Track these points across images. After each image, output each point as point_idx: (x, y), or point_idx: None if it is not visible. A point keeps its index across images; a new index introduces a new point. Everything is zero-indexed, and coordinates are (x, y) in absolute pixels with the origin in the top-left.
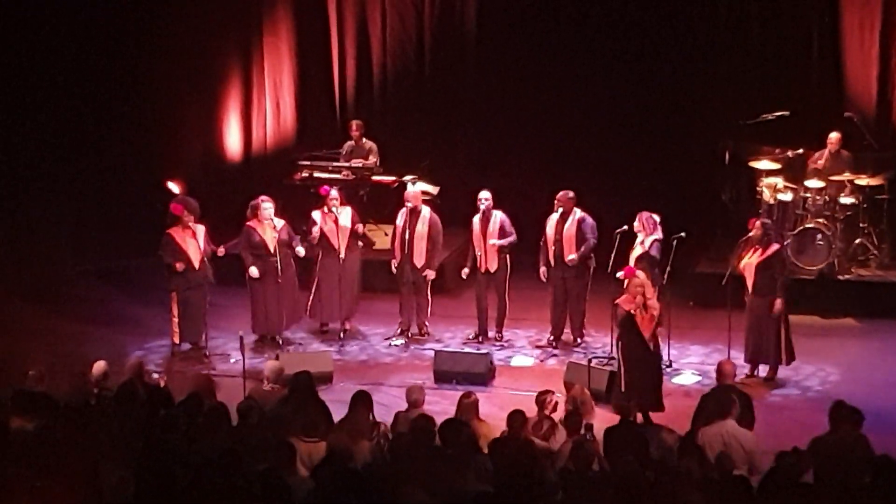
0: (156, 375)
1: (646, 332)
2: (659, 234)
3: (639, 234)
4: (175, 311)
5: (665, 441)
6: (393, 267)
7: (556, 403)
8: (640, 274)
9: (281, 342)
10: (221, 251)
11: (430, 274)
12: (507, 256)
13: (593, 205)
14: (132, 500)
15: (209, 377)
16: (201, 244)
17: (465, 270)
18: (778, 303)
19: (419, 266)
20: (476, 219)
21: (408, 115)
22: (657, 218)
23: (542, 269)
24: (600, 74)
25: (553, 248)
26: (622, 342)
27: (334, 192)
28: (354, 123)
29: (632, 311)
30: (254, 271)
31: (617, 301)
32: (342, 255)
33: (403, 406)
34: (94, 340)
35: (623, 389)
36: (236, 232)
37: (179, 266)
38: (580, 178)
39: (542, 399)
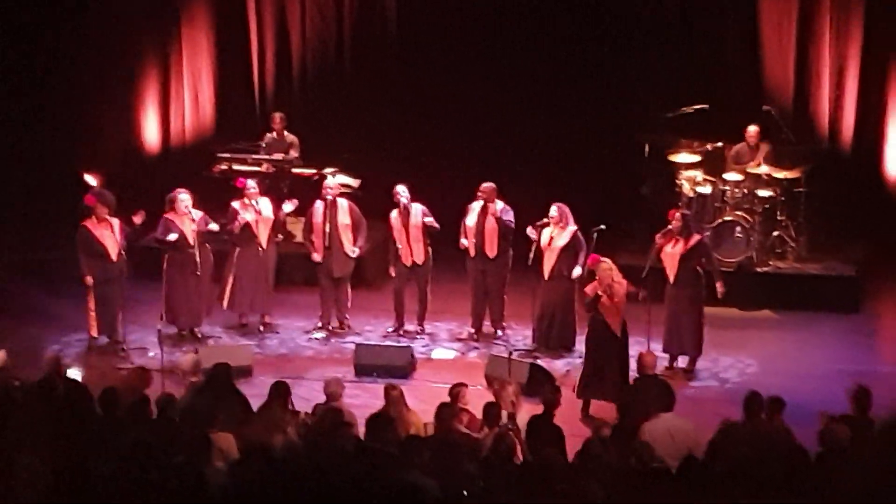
0: (75, 370)
1: (610, 316)
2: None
3: (550, 226)
4: (91, 304)
5: (605, 436)
6: (315, 258)
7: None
8: (607, 260)
9: (200, 336)
10: (139, 218)
11: (355, 251)
12: (430, 249)
13: (515, 197)
14: (46, 494)
15: (145, 370)
16: (117, 237)
17: (392, 270)
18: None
19: (344, 257)
20: (394, 214)
21: (328, 109)
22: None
23: (464, 242)
24: (520, 68)
25: (474, 240)
26: (589, 327)
27: (251, 183)
28: (277, 116)
29: (598, 294)
30: (172, 236)
31: (585, 289)
32: (264, 246)
33: (323, 400)
34: (9, 333)
35: (582, 376)
36: (155, 225)
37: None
38: (501, 171)
39: (454, 392)
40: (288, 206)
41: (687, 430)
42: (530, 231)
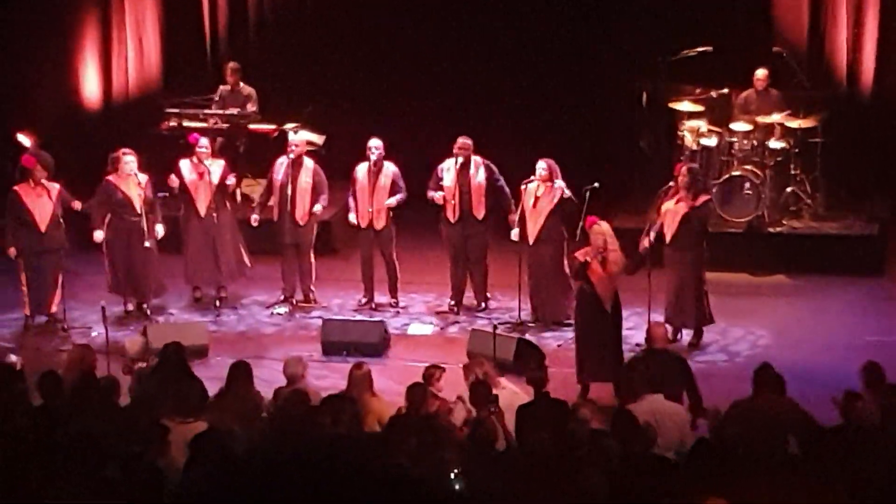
0: (13, 357)
1: (600, 287)
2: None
3: (536, 183)
4: (24, 280)
5: (584, 417)
6: (252, 221)
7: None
8: (604, 224)
9: (149, 312)
10: (78, 205)
11: (318, 209)
12: (393, 213)
13: (496, 153)
14: None
15: (88, 348)
16: (53, 203)
17: (352, 217)
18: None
19: (303, 224)
20: (362, 169)
21: (288, 57)
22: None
23: (437, 194)
24: (502, 8)
25: (454, 201)
26: (576, 300)
27: (204, 141)
28: (230, 66)
29: (586, 260)
30: (98, 235)
31: (574, 254)
32: (202, 214)
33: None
34: None
35: (577, 358)
36: (94, 189)
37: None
38: (480, 124)
39: (428, 374)
40: (230, 179)
41: (674, 415)
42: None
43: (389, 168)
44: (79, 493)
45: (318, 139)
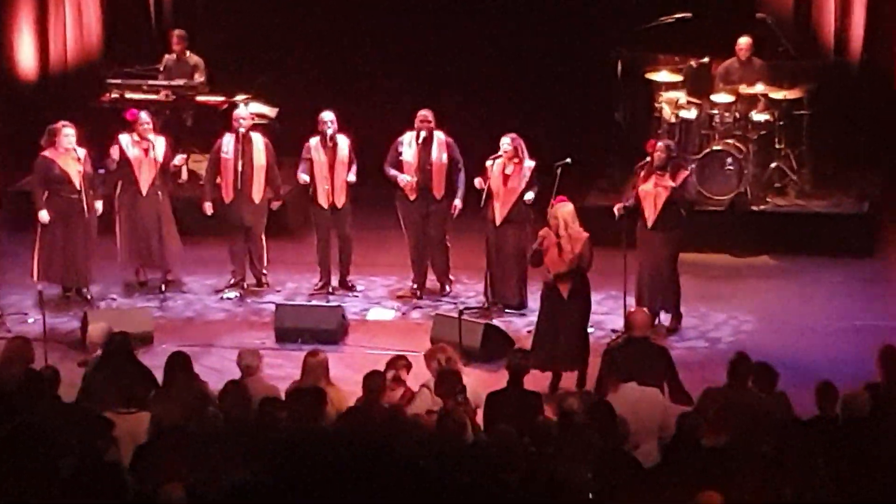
0: None
1: (554, 270)
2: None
3: (502, 160)
4: None
5: (570, 408)
6: (207, 209)
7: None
8: (566, 206)
9: (90, 297)
10: None
11: (276, 205)
12: (351, 190)
13: (459, 127)
14: None
15: (25, 340)
16: None
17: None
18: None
19: (258, 202)
20: (315, 143)
21: (238, 24)
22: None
23: (405, 178)
24: None
25: (415, 177)
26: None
27: (144, 116)
28: (175, 34)
29: (537, 247)
30: (44, 216)
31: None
32: (143, 192)
33: (239, 372)
34: None
35: (531, 345)
36: (31, 165)
37: None
38: (442, 96)
39: (391, 364)
40: (178, 159)
41: (654, 404)
42: (478, 183)
43: (344, 142)
44: (33, 491)
45: (270, 111)
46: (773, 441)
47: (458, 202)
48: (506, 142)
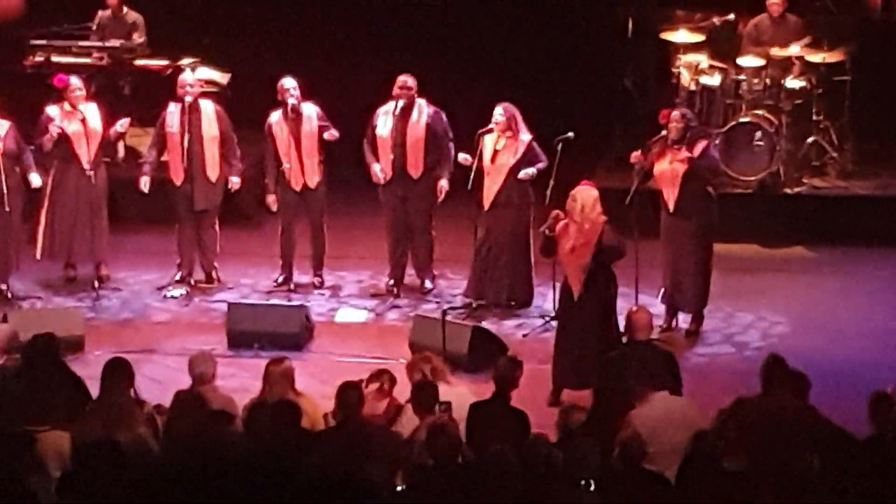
0: None
1: (568, 267)
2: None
3: (495, 133)
4: None
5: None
6: (142, 184)
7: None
8: (590, 190)
9: (10, 295)
10: None
11: (236, 183)
12: (325, 168)
13: (445, 96)
14: None
15: None
16: None
17: (272, 199)
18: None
19: (214, 180)
20: (277, 117)
21: None
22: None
23: (376, 169)
24: None
25: (391, 154)
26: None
27: (76, 81)
28: None
29: (548, 233)
30: None
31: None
32: (88, 170)
33: (185, 381)
34: None
35: (553, 356)
36: None
37: None
38: (424, 59)
39: (378, 377)
40: (120, 125)
41: (688, 413)
42: (463, 158)
43: (311, 110)
44: None
45: (221, 77)
46: (820, 461)
47: (444, 182)
48: (498, 112)
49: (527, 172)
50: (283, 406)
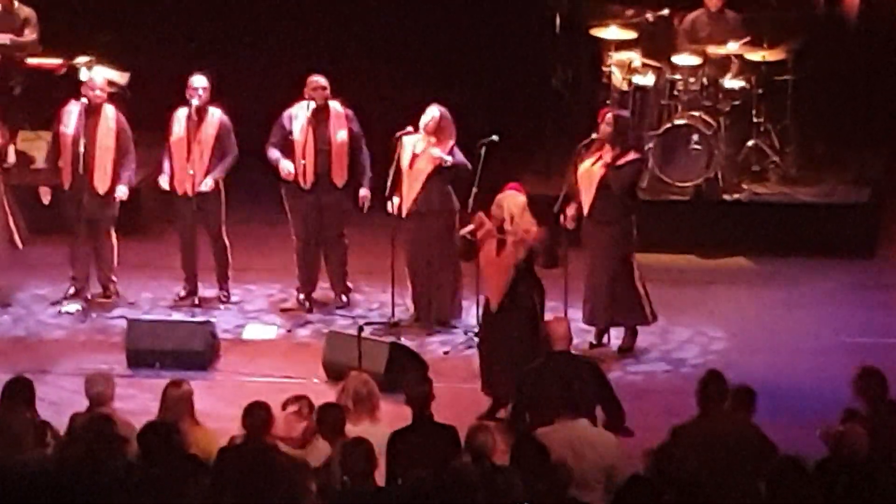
0: None
1: (488, 275)
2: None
3: (418, 137)
4: None
5: (482, 445)
6: (44, 196)
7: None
8: (517, 196)
9: None
10: None
11: (123, 194)
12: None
13: (361, 97)
14: None
15: None
16: None
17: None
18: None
19: (103, 192)
20: (181, 116)
21: None
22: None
23: (287, 165)
24: None
25: (304, 160)
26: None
27: None
28: None
29: (469, 237)
30: None
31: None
32: None
33: (82, 403)
34: None
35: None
36: None
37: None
38: (340, 58)
39: (295, 401)
40: None
41: (599, 444)
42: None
43: (215, 115)
44: None
45: (119, 77)
46: (768, 489)
47: (365, 191)
48: (432, 114)
49: (441, 156)
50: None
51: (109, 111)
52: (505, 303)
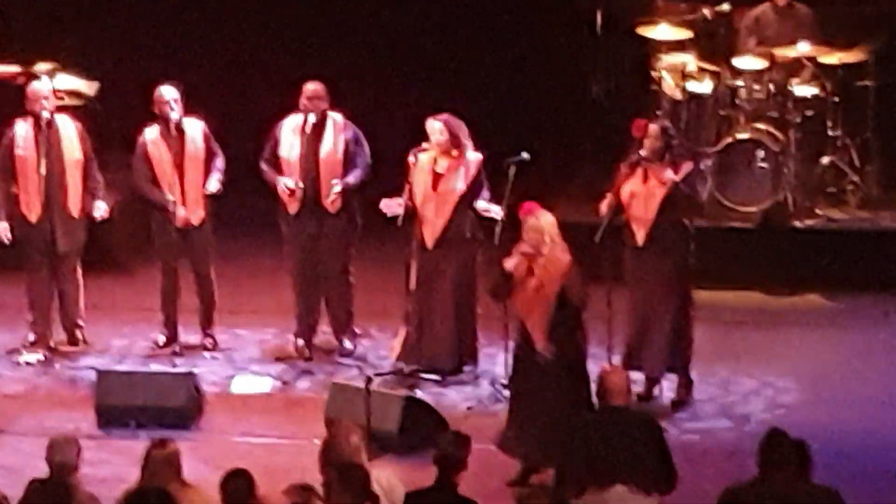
0: None
1: (527, 312)
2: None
3: (432, 153)
4: None
5: None
6: (3, 233)
7: None
8: (546, 215)
9: None
10: None
11: (102, 210)
12: (212, 201)
13: (366, 108)
14: None
15: None
16: None
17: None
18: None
19: (76, 215)
20: (154, 134)
21: None
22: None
23: (286, 182)
24: None
25: (298, 179)
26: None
27: None
28: None
29: (508, 270)
30: None
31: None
32: None
33: (43, 468)
34: None
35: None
36: None
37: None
38: (338, 64)
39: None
40: None
41: None
42: (388, 206)
43: (195, 127)
44: None
45: (86, 87)
46: None
47: (350, 179)
48: (437, 128)
49: (484, 207)
50: (161, 498)
51: (65, 123)
52: (547, 344)
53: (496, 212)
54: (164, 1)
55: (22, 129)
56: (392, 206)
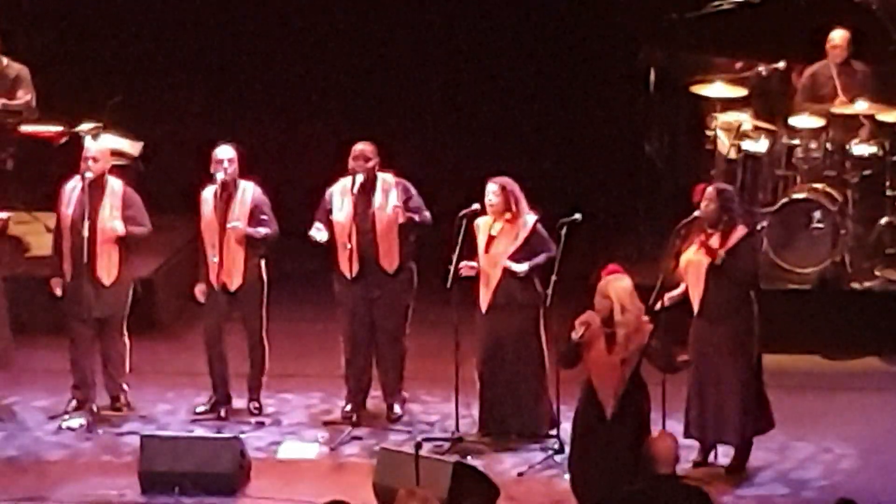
0: None
1: (599, 380)
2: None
3: (490, 217)
4: None
5: None
6: (55, 288)
7: None
8: (623, 280)
9: None
10: None
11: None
12: (263, 262)
13: (417, 170)
14: None
15: None
16: None
17: (201, 288)
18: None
19: (108, 284)
20: (208, 193)
21: (81, 18)
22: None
23: (317, 233)
24: None
25: (351, 243)
26: (578, 398)
27: None
28: None
29: (577, 340)
30: None
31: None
32: None
33: None
34: None
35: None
36: None
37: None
38: (393, 124)
39: None
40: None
41: None
42: (467, 268)
43: (248, 189)
44: None
45: (131, 147)
46: None
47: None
48: (492, 189)
49: (517, 267)
50: None
51: (115, 185)
52: (616, 411)
53: (521, 270)
54: (211, 57)
55: (70, 189)
56: (467, 269)
